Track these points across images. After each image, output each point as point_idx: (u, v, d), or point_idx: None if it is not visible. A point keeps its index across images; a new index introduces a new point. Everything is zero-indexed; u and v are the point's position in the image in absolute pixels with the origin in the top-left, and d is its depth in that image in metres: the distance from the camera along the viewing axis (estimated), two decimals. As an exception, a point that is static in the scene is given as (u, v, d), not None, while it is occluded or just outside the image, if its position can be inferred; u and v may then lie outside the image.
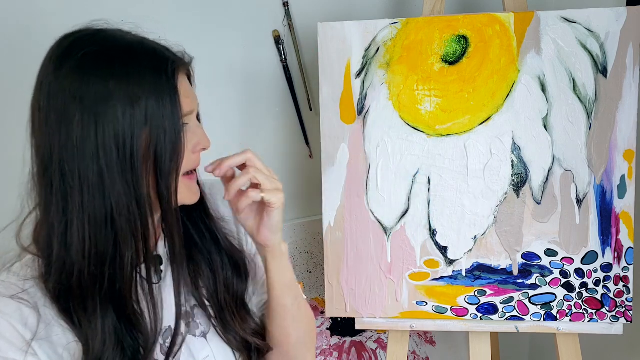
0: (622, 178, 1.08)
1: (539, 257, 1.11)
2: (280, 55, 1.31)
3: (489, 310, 1.13)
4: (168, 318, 0.74)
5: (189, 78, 0.73)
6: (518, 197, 1.10)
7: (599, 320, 1.10)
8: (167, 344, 0.73)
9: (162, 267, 0.77)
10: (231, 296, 0.80)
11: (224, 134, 1.29)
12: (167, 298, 0.74)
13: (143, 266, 0.71)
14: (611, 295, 1.10)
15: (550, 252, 1.10)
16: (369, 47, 1.11)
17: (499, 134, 1.10)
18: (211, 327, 0.79)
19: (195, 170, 0.73)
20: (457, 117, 1.10)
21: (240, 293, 0.82)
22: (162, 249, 0.78)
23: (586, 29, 1.06)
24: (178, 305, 0.73)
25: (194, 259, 0.79)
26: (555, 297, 1.11)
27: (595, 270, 1.10)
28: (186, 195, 0.72)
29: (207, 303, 0.78)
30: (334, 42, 1.12)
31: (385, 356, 1.42)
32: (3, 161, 1.20)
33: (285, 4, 1.29)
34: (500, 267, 1.12)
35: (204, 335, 0.78)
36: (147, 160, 0.65)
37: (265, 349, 0.82)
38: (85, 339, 0.65)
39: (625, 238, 1.08)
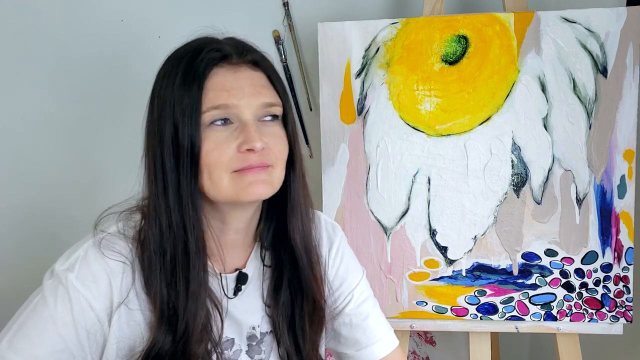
0: (622, 178, 1.08)
1: (539, 257, 1.11)
2: (280, 55, 1.31)
3: (489, 310, 1.13)
4: (233, 331, 0.77)
5: (268, 75, 0.73)
6: (518, 197, 1.10)
7: (599, 320, 1.10)
8: (224, 354, 0.75)
9: (243, 286, 0.78)
10: (314, 339, 0.79)
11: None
12: (236, 313, 0.77)
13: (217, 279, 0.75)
14: (611, 295, 1.09)
15: (550, 252, 1.10)
16: (369, 47, 1.11)
17: (499, 134, 1.10)
18: (271, 356, 0.80)
19: (264, 166, 0.69)
20: (457, 117, 1.10)
21: (314, 333, 0.81)
22: (251, 267, 0.80)
23: (586, 29, 1.06)
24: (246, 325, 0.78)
25: (287, 288, 0.79)
26: (555, 297, 1.11)
27: (595, 270, 1.10)
28: (242, 189, 0.69)
29: (282, 337, 0.79)
30: (334, 42, 1.12)
31: (385, 356, 1.41)
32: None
33: (285, 4, 1.29)
34: (500, 267, 1.12)
35: None
36: (169, 152, 0.68)
37: None
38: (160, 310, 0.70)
39: (625, 238, 1.08)
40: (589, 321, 1.11)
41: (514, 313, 1.12)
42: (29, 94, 1.34)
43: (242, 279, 0.78)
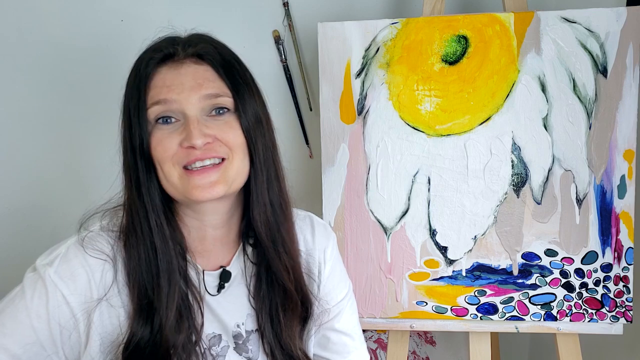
0: (622, 178, 1.08)
1: (539, 257, 1.11)
2: (280, 55, 1.31)
3: (489, 310, 1.13)
4: (219, 327, 0.78)
5: (215, 67, 0.72)
6: (518, 197, 1.10)
7: (599, 320, 1.10)
8: (211, 350, 0.76)
9: (226, 284, 0.78)
10: (290, 328, 0.79)
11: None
12: (221, 310, 0.77)
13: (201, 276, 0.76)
14: (611, 295, 1.10)
15: (550, 252, 1.10)
16: (369, 47, 1.11)
17: (499, 134, 1.10)
18: (260, 355, 0.80)
19: (214, 166, 0.70)
20: (457, 117, 1.10)
21: (300, 327, 0.81)
22: (236, 265, 0.80)
23: (586, 29, 1.06)
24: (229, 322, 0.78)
25: (265, 281, 0.79)
26: (555, 297, 1.11)
27: (595, 270, 1.10)
28: (188, 190, 0.70)
29: (265, 331, 0.79)
30: (334, 42, 1.12)
31: (385, 356, 1.42)
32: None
33: (285, 4, 1.29)
34: (500, 267, 1.12)
35: None
36: (128, 150, 0.71)
37: None
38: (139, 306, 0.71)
39: (625, 238, 1.08)
40: (589, 321, 1.11)
41: (514, 313, 1.12)
42: (29, 93, 1.34)
43: (225, 276, 0.78)
